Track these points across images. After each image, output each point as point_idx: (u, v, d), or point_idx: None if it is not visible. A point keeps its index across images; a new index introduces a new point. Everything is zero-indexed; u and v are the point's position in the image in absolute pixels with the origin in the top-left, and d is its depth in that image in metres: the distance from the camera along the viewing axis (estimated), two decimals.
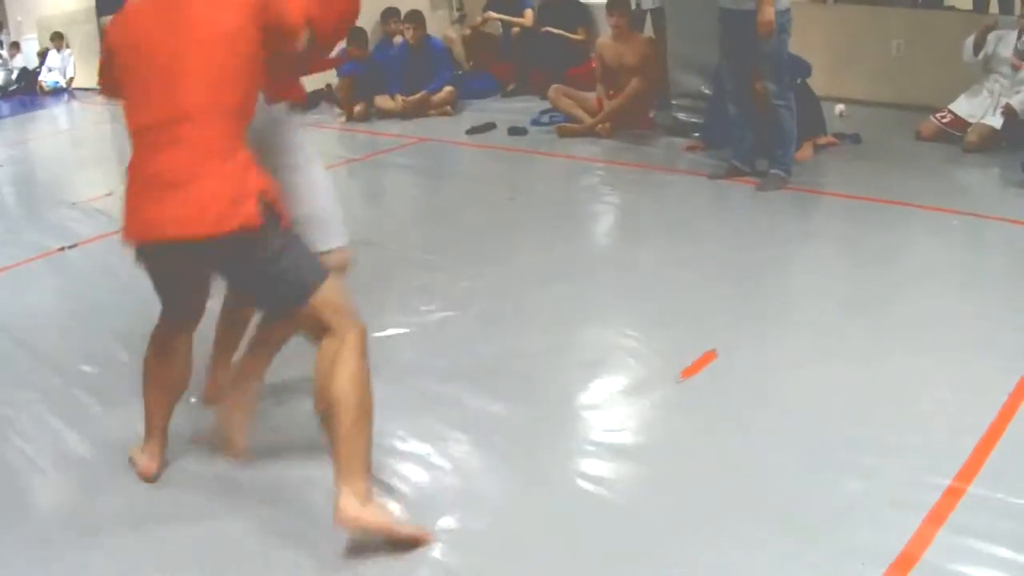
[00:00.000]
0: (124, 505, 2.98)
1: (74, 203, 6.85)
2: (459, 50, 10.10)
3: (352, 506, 2.55)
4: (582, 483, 2.93)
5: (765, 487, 2.82)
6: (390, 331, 4.02)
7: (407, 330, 4.09)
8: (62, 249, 5.70)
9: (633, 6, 7.71)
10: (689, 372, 3.51)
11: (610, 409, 3.39)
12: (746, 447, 3.04)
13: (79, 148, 10.46)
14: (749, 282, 4.36)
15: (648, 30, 8.10)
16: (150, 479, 3.06)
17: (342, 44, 6.26)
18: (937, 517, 2.59)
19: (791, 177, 5.78)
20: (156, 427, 3.10)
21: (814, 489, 2.79)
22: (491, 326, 4.10)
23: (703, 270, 4.53)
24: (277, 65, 2.81)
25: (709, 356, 3.60)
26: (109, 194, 7.09)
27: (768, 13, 5.49)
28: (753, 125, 6.00)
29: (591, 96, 7.59)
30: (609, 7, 7.34)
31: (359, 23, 8.94)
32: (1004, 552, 2.44)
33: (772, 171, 5.84)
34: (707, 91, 6.96)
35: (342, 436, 2.59)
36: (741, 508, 2.74)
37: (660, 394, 3.40)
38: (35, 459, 3.31)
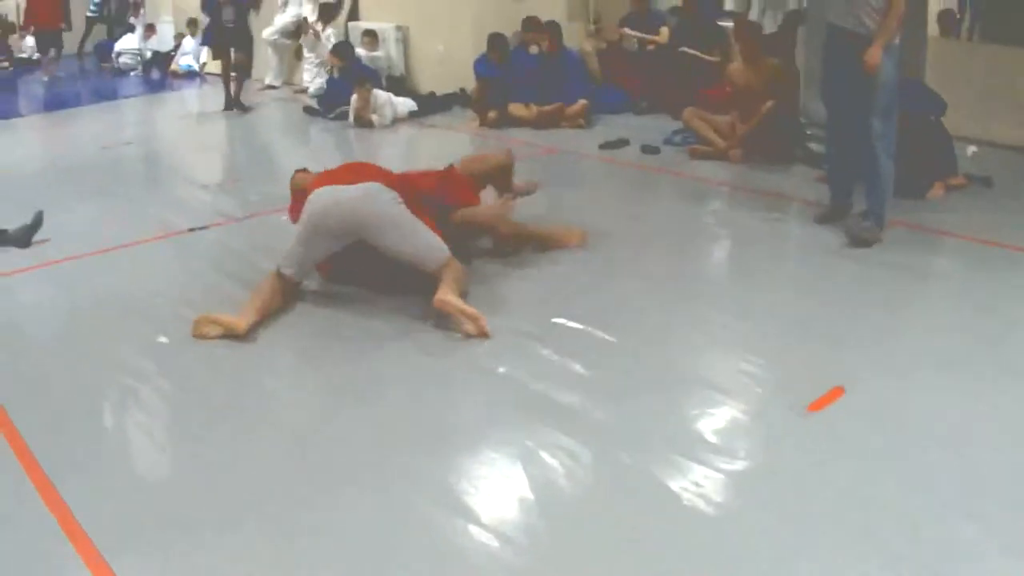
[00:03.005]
0: None
1: (205, 185, 7.11)
2: (593, 63, 10.17)
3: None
4: (682, 493, 3.04)
5: (873, 521, 2.87)
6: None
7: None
8: (192, 230, 5.96)
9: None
10: (816, 406, 3.56)
11: (727, 430, 3.46)
12: (860, 480, 3.09)
13: (205, 133, 10.61)
14: (870, 317, 4.39)
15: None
16: None
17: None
18: None
19: (883, 232, 5.36)
20: None
21: (924, 529, 2.83)
22: (607, 342, 4.20)
23: (825, 302, 4.58)
24: None
25: (837, 392, 3.65)
26: (236, 181, 7.36)
27: (876, 56, 5.09)
28: (848, 160, 5.66)
29: (725, 119, 7.56)
30: (734, 32, 7.34)
31: (499, 29, 9.19)
32: None
33: (865, 223, 5.39)
34: None
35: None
36: (845, 539, 2.80)
37: (781, 422, 3.48)
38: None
